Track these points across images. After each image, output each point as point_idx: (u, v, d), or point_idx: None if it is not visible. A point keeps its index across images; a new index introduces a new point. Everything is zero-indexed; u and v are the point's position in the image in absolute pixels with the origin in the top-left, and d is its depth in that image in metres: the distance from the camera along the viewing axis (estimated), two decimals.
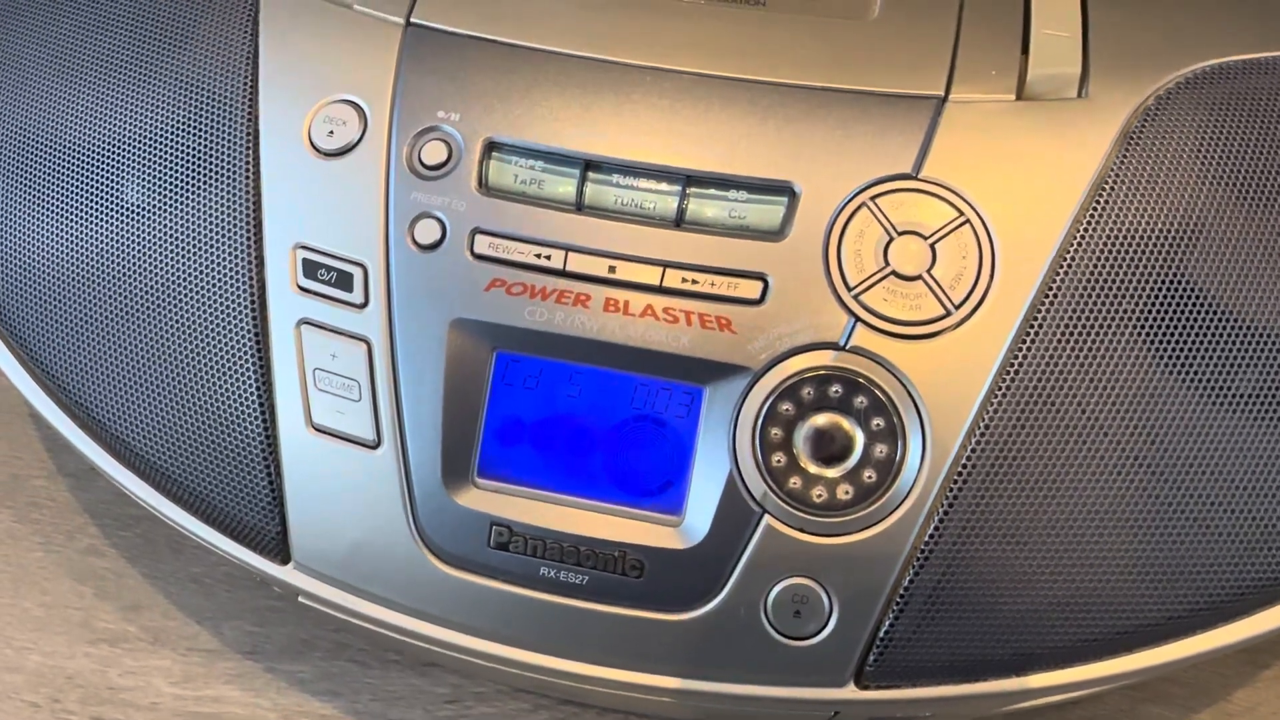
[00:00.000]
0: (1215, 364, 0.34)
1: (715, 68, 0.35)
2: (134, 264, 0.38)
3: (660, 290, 0.33)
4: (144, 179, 0.38)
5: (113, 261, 0.38)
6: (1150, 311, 0.34)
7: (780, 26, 0.36)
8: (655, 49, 0.36)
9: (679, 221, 0.34)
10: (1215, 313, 0.34)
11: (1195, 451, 0.34)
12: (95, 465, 0.38)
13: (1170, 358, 0.34)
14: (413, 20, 0.37)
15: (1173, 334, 0.34)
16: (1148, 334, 0.34)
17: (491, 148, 0.35)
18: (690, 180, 0.34)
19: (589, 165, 0.34)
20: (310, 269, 0.35)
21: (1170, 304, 0.34)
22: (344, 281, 0.35)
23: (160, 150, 0.38)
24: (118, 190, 0.38)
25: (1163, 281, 0.34)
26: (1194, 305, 0.34)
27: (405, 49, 0.36)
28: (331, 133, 0.36)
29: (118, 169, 0.38)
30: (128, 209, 0.38)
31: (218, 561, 0.46)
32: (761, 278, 0.33)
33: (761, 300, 0.33)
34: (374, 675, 0.43)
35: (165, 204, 0.37)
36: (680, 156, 0.34)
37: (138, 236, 0.38)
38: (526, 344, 0.34)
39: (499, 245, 0.34)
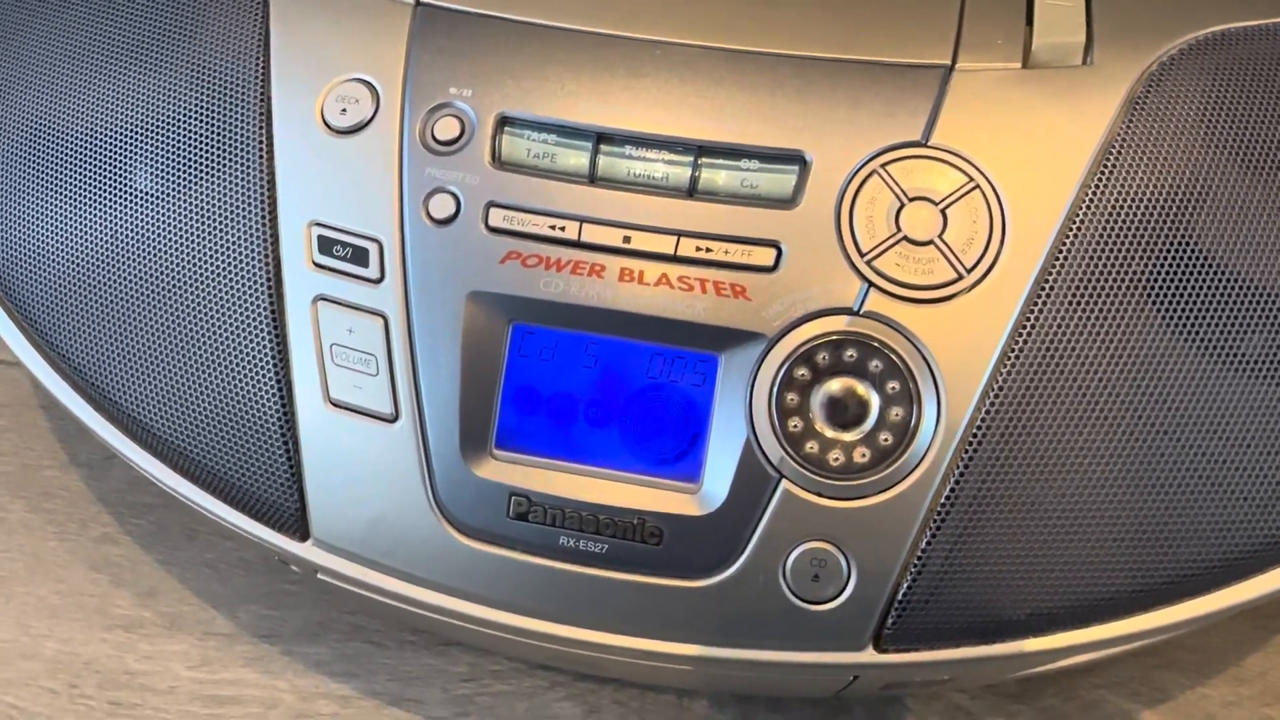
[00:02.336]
0: (1223, 326, 0.34)
1: (725, 40, 0.36)
2: (148, 248, 0.38)
3: (675, 259, 0.34)
4: (155, 165, 0.38)
5: (127, 246, 0.38)
6: (1158, 274, 0.34)
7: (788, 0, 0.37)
8: (665, 23, 0.36)
9: (692, 191, 0.34)
10: (1222, 275, 0.34)
11: (1204, 412, 0.34)
12: (113, 448, 0.39)
13: (1178, 320, 0.34)
14: (423, 0, 0.37)
15: (1180, 296, 0.34)
16: (1156, 296, 0.34)
17: (504, 122, 0.35)
18: (702, 150, 0.34)
19: (601, 137, 0.35)
20: (326, 245, 0.35)
21: (1178, 267, 0.34)
22: (359, 257, 0.35)
23: (172, 136, 0.38)
24: (129, 176, 0.39)
25: (1170, 245, 0.34)
26: (1201, 268, 0.34)
27: (416, 28, 0.37)
28: (344, 111, 0.36)
29: (130, 155, 0.39)
30: (140, 194, 0.38)
31: (232, 547, 0.46)
32: (775, 245, 0.33)
33: (775, 267, 0.33)
34: (390, 655, 0.43)
35: (177, 188, 0.38)
36: (692, 127, 0.34)
37: (150, 221, 0.38)
38: (542, 315, 0.34)
39: (513, 218, 0.34)
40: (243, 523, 0.37)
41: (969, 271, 0.33)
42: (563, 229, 0.34)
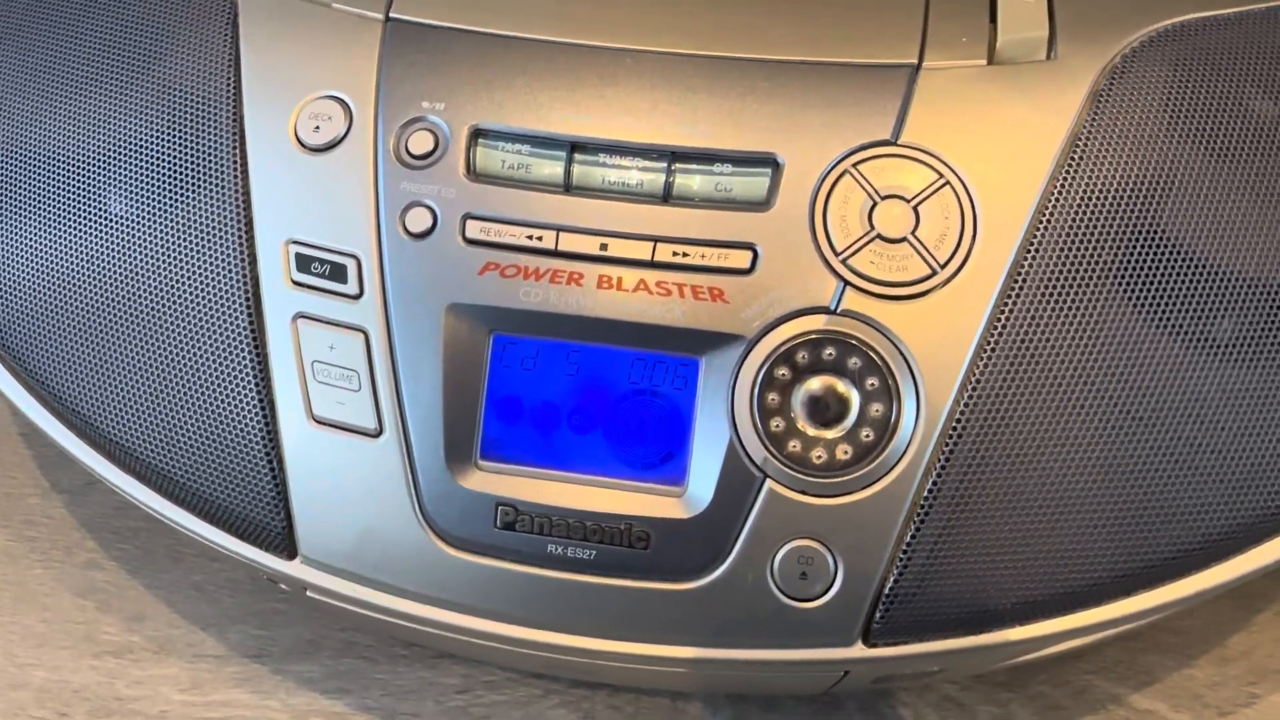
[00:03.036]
0: (1193, 311, 0.35)
1: (693, 47, 0.36)
2: (123, 271, 0.38)
3: (652, 265, 0.34)
4: (128, 188, 0.38)
5: (101, 270, 0.38)
6: (1128, 263, 0.35)
7: (754, 4, 0.37)
8: (633, 31, 0.36)
9: (666, 197, 0.34)
10: (1191, 262, 0.35)
11: (1178, 397, 0.35)
12: (96, 474, 0.38)
13: (1149, 307, 0.35)
14: (392, 15, 0.37)
15: (1150, 284, 0.35)
16: (1126, 285, 0.35)
17: (477, 134, 0.35)
18: (675, 156, 0.35)
19: (575, 146, 0.35)
20: (303, 263, 0.35)
21: (1147, 255, 0.35)
22: (338, 273, 0.35)
23: (143, 159, 0.38)
24: (102, 200, 0.39)
25: (1138, 233, 0.35)
26: (1169, 255, 0.35)
27: (386, 43, 0.37)
28: (318, 128, 0.36)
29: (102, 179, 0.39)
30: (112, 218, 0.38)
31: (219, 568, 0.46)
32: (750, 247, 0.34)
33: (751, 269, 0.34)
34: (383, 670, 0.43)
35: (151, 211, 0.38)
36: (664, 134, 0.35)
37: (125, 244, 0.38)
38: (522, 325, 0.34)
39: (490, 229, 0.34)
40: (229, 543, 0.37)
41: (943, 267, 0.34)
42: (540, 239, 0.34)
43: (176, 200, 0.37)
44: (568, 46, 0.36)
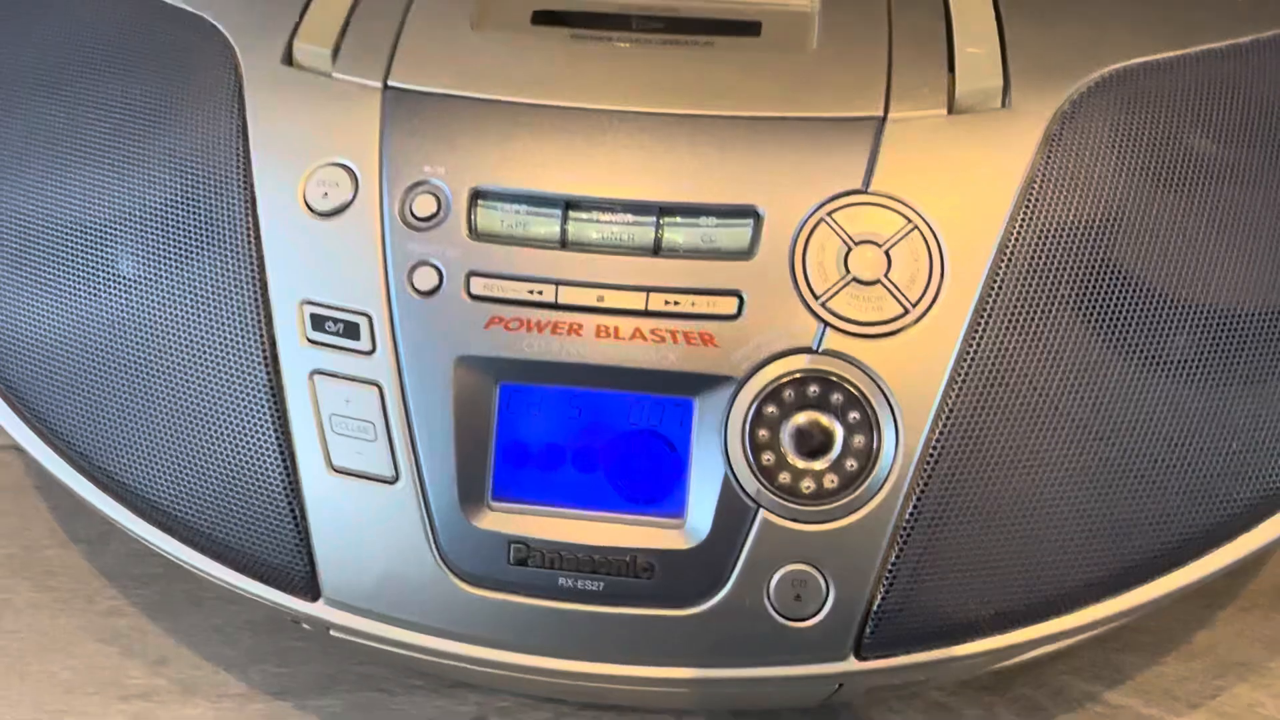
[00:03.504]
0: (1147, 336, 0.37)
1: (676, 106, 0.38)
2: (139, 330, 0.40)
3: (645, 314, 0.36)
4: (140, 252, 0.40)
5: (117, 329, 0.40)
6: (1085, 293, 0.37)
7: (730, 63, 0.40)
8: (619, 92, 0.39)
9: (656, 249, 0.37)
10: (1142, 290, 0.38)
11: (1136, 415, 0.37)
12: (123, 526, 0.40)
13: (1107, 333, 0.37)
14: (390, 84, 0.40)
15: (1107, 312, 0.37)
16: (1085, 314, 0.37)
17: (477, 196, 0.38)
18: (663, 211, 0.37)
19: (569, 204, 0.37)
20: (318, 322, 0.37)
21: (1102, 285, 0.37)
22: (351, 331, 0.37)
23: (153, 224, 0.40)
24: (114, 264, 0.41)
25: (1093, 266, 0.38)
26: (1123, 285, 0.38)
27: (386, 111, 0.39)
28: (326, 194, 0.38)
29: (111, 243, 0.41)
30: (123, 280, 0.40)
31: (238, 610, 0.48)
32: (736, 294, 0.36)
33: (738, 315, 0.36)
34: (400, 701, 0.45)
35: (161, 273, 0.40)
36: (652, 190, 0.37)
37: (136, 304, 0.40)
38: (527, 374, 0.37)
39: (493, 285, 0.37)
40: (255, 588, 0.39)
41: (914, 306, 0.36)
42: (540, 293, 0.37)
43: (188, 263, 0.40)
44: (557, 109, 0.39)
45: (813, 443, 0.36)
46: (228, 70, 0.42)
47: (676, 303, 0.36)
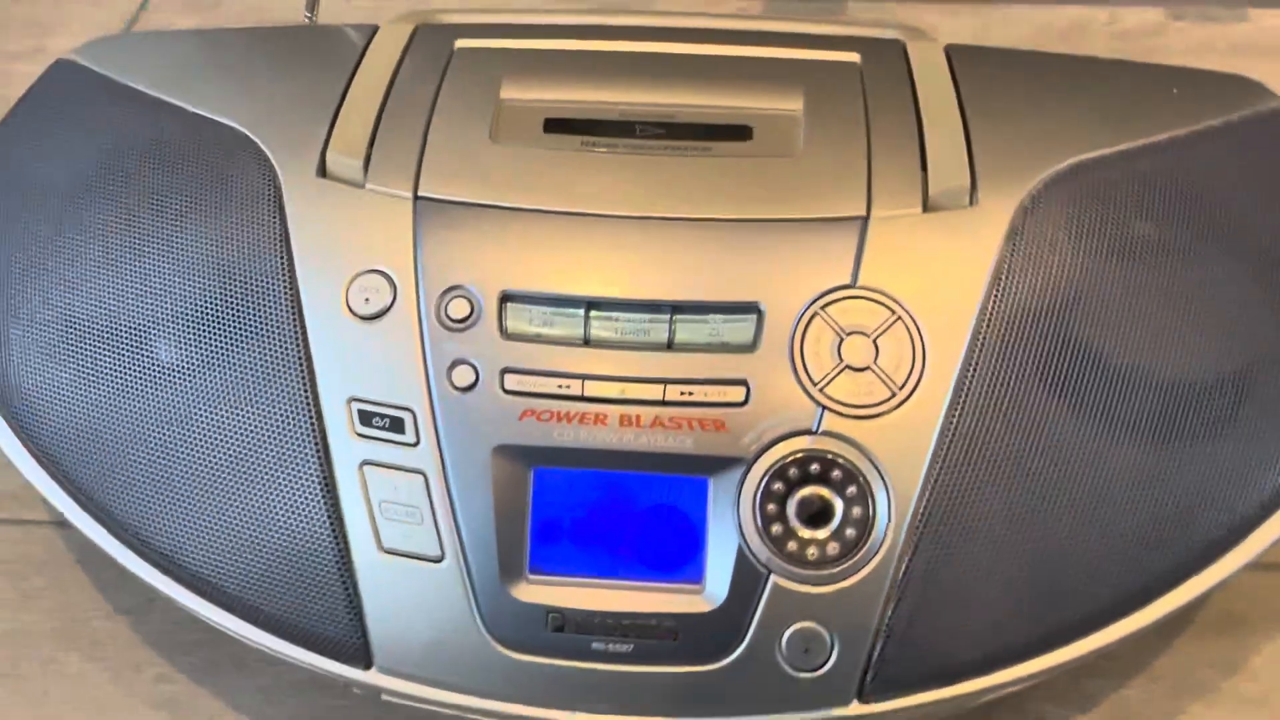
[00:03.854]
0: (1105, 403, 0.42)
1: (680, 211, 0.43)
2: (190, 420, 0.43)
3: (663, 403, 0.41)
4: (183, 345, 0.44)
5: (168, 419, 0.43)
6: (1050, 368, 0.42)
7: (726, 169, 0.44)
8: (628, 199, 0.43)
9: (670, 344, 0.41)
10: (1099, 362, 0.42)
11: (1099, 475, 0.42)
12: (183, 605, 0.44)
13: (1070, 403, 0.42)
14: (420, 194, 0.44)
15: (1069, 384, 0.42)
16: (1050, 386, 0.42)
17: (506, 299, 0.42)
18: (675, 309, 0.41)
19: (590, 305, 0.42)
20: (365, 418, 0.41)
21: (1064, 360, 0.42)
22: (397, 425, 0.41)
23: (198, 321, 0.44)
24: (157, 355, 0.44)
25: (1056, 343, 0.42)
26: (1082, 359, 0.42)
27: (418, 220, 0.43)
28: (367, 299, 0.42)
29: (157, 338, 0.44)
30: (170, 370, 0.44)
31: (281, 672, 0.51)
32: (744, 383, 0.41)
33: (745, 402, 0.41)
34: None
35: (210, 366, 0.43)
36: (664, 290, 0.41)
37: (186, 396, 0.43)
38: (558, 459, 0.41)
39: (526, 381, 0.41)
40: (311, 659, 0.43)
41: (900, 389, 0.41)
42: (568, 387, 0.41)
43: (232, 357, 0.43)
44: (574, 216, 0.43)
45: (816, 514, 0.40)
46: (265, 180, 0.45)
47: (690, 393, 0.41)
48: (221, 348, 0.43)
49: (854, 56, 0.49)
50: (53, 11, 0.84)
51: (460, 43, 0.50)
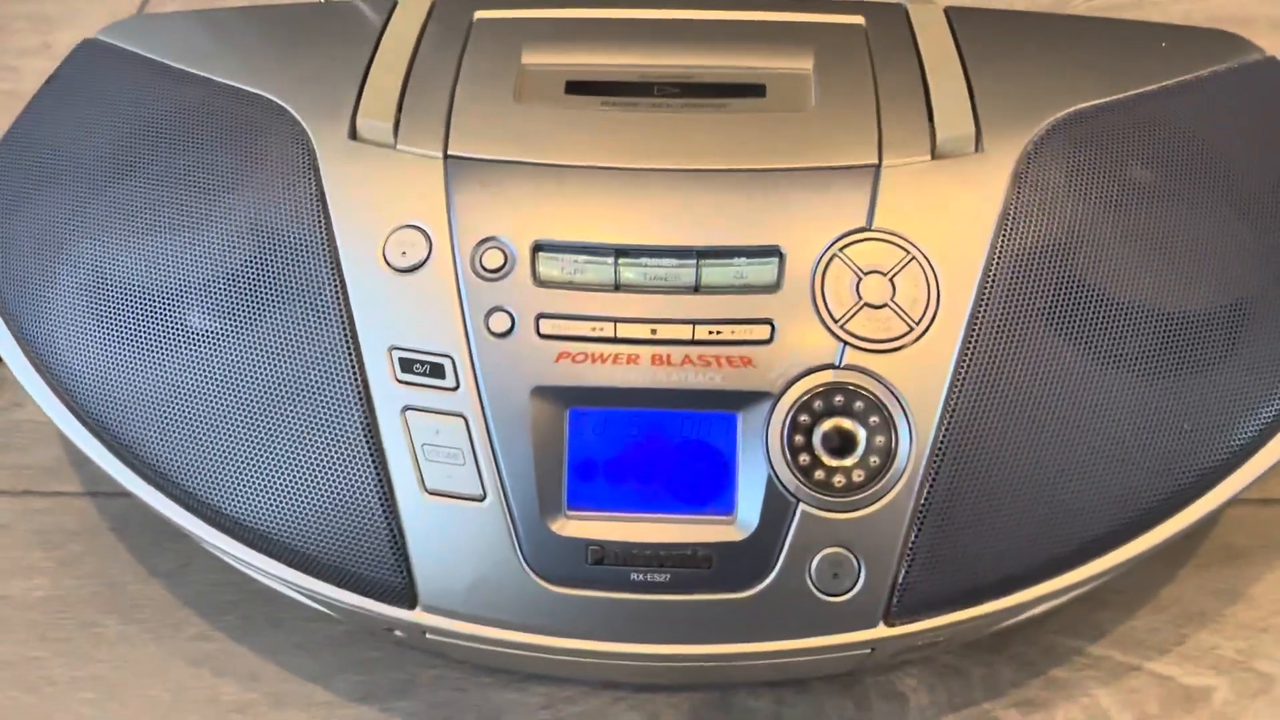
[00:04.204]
0: (1107, 338, 0.44)
1: (702, 162, 0.45)
2: (234, 377, 0.44)
3: (692, 342, 0.42)
4: (221, 307, 0.45)
5: (212, 377, 0.44)
6: (1055, 304, 0.44)
7: (744, 123, 0.46)
8: (651, 153, 0.45)
9: (697, 288, 0.43)
10: (1100, 299, 0.45)
11: (1103, 406, 0.44)
12: (233, 556, 0.45)
13: (1074, 338, 0.44)
14: (450, 154, 0.46)
15: (1073, 320, 0.44)
16: (1055, 321, 0.44)
17: (538, 249, 0.44)
18: (701, 255, 0.43)
19: (619, 252, 0.43)
20: (406, 365, 0.43)
21: (1067, 297, 0.44)
22: (437, 371, 0.43)
23: (235, 282, 0.45)
24: (193, 320, 0.46)
25: (1060, 281, 0.44)
26: (1084, 295, 0.44)
27: (449, 177, 0.45)
28: (404, 253, 0.44)
29: (194, 302, 0.46)
30: (208, 334, 0.45)
31: (317, 628, 0.52)
32: (768, 322, 0.43)
33: (771, 339, 0.43)
34: (475, 698, 0.50)
35: (249, 325, 0.45)
36: (690, 237, 0.43)
37: (227, 355, 0.44)
38: (593, 399, 0.43)
39: (560, 325, 0.43)
40: (357, 601, 0.44)
41: (917, 324, 0.43)
42: (601, 329, 0.43)
43: (271, 315, 0.45)
44: (600, 170, 0.45)
45: (841, 444, 0.42)
46: (299, 145, 0.47)
47: (719, 332, 0.42)
48: (264, 305, 0.45)
49: (858, 19, 0.51)
50: (57, 7, 0.85)
51: (479, 13, 0.52)
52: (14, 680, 0.51)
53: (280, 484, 0.44)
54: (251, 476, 0.44)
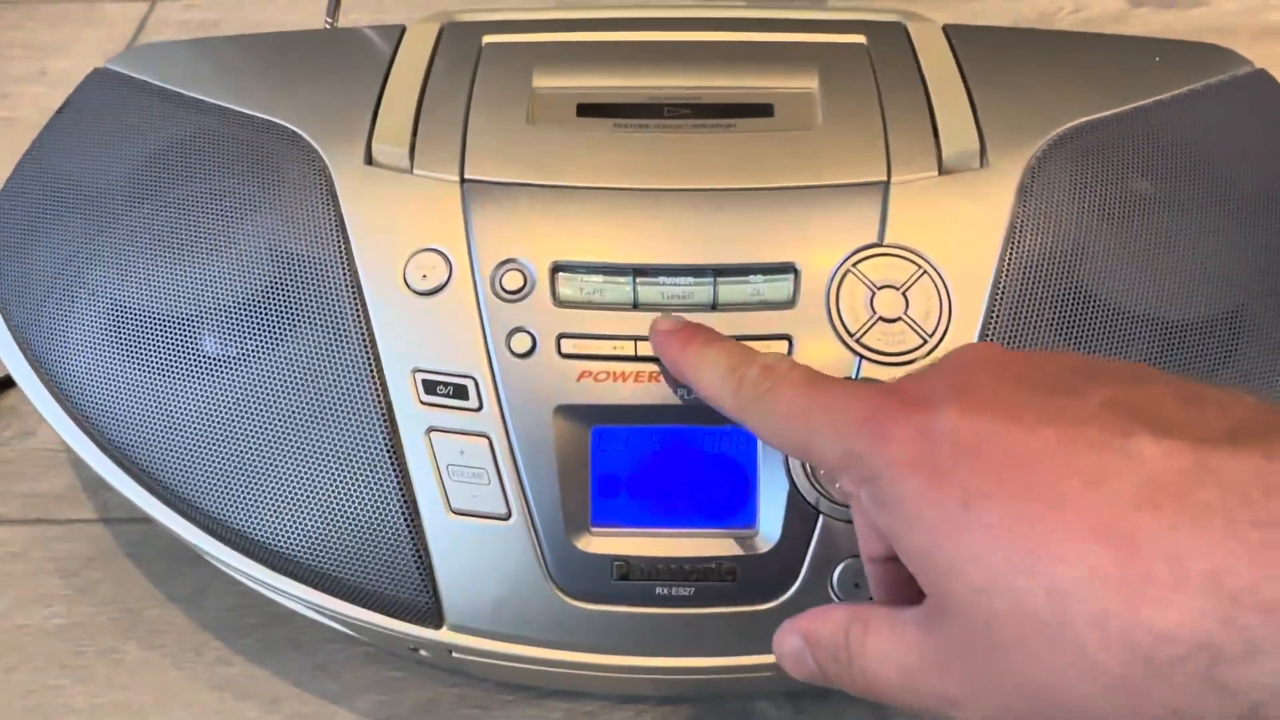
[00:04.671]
0: (1110, 346, 0.45)
1: (714, 182, 0.46)
2: (253, 401, 0.45)
3: None
4: (239, 333, 0.46)
5: (231, 402, 0.45)
6: (1061, 314, 0.45)
7: (753, 143, 0.47)
8: (664, 173, 0.46)
9: (714, 305, 0.44)
10: (1105, 308, 0.46)
11: None
12: (258, 580, 0.46)
13: (1078, 346, 0.45)
14: (466, 177, 0.46)
15: (1078, 328, 0.45)
16: (1061, 331, 0.45)
17: (557, 269, 0.44)
18: (718, 273, 0.44)
19: (637, 272, 0.44)
20: (429, 387, 0.44)
21: (1073, 307, 0.46)
22: (460, 392, 0.43)
23: (254, 307, 0.46)
24: (200, 343, 0.46)
25: (1066, 291, 0.46)
26: (1089, 305, 0.46)
27: (467, 201, 0.46)
28: (425, 276, 0.45)
29: (211, 327, 0.46)
30: (227, 359, 0.46)
31: (336, 649, 0.53)
32: (786, 338, 0.43)
33: (789, 354, 0.43)
34: (496, 715, 0.51)
35: (269, 350, 0.45)
36: (706, 255, 0.44)
37: (246, 380, 0.45)
38: (616, 417, 0.43)
39: (581, 345, 0.43)
40: (383, 622, 0.44)
41: (930, 337, 0.44)
42: (621, 348, 0.43)
43: (291, 339, 0.45)
44: (615, 191, 0.46)
45: None
46: (315, 171, 0.48)
47: None
48: (286, 330, 0.45)
49: (860, 38, 0.52)
50: (52, 34, 0.85)
51: (488, 38, 0.53)
52: (35, 709, 0.51)
53: (305, 507, 0.44)
54: (276, 500, 0.44)
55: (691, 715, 0.50)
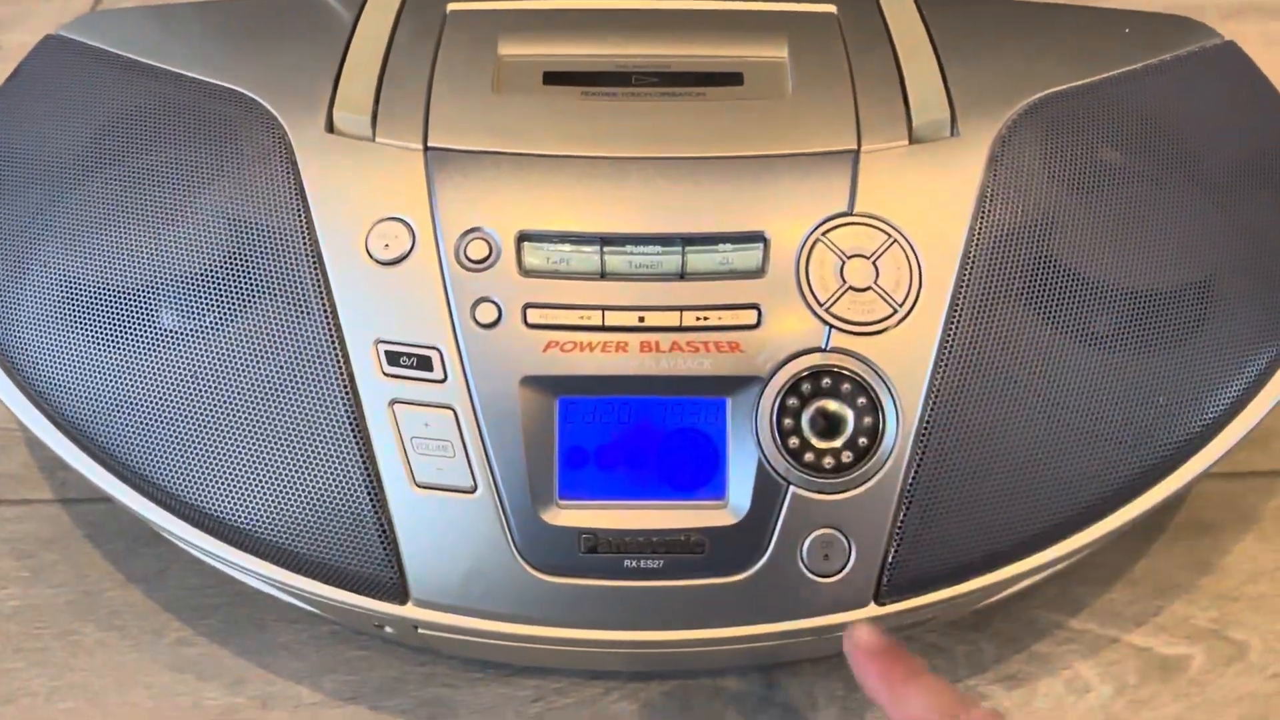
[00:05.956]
0: (1079, 315, 0.45)
1: (684, 150, 0.45)
2: (212, 374, 0.44)
3: (680, 329, 0.43)
4: (195, 305, 0.45)
5: (189, 376, 0.44)
6: (1031, 284, 0.45)
7: (723, 111, 0.47)
8: (632, 141, 0.45)
9: (682, 274, 0.43)
10: (1074, 278, 0.46)
11: (1079, 383, 0.45)
12: (220, 558, 0.44)
13: (1048, 316, 0.45)
14: (430, 145, 0.45)
15: (1048, 299, 0.45)
16: (1031, 300, 0.45)
17: (523, 238, 0.44)
18: (686, 241, 0.44)
19: (604, 241, 0.43)
20: (393, 358, 0.43)
21: (1043, 277, 0.45)
22: (424, 363, 0.43)
23: (211, 278, 0.45)
24: (164, 317, 0.45)
25: (1035, 261, 0.45)
26: (1059, 275, 0.45)
27: (430, 169, 0.45)
28: (387, 245, 0.44)
29: (168, 299, 0.45)
30: (183, 332, 0.44)
31: (301, 629, 0.52)
32: (755, 307, 0.43)
33: (758, 324, 0.43)
34: (464, 693, 0.50)
35: (227, 322, 0.44)
36: (674, 224, 0.44)
37: (205, 352, 0.44)
38: (582, 388, 0.43)
39: (547, 314, 0.43)
40: (347, 598, 0.44)
41: (900, 306, 0.44)
42: (588, 318, 0.43)
43: (250, 311, 0.44)
44: (582, 159, 0.45)
45: (829, 426, 0.43)
46: (274, 139, 0.47)
47: (706, 318, 0.43)
48: (244, 301, 0.44)
49: (830, 7, 0.52)
50: (8, 8, 0.83)
51: (453, 5, 0.51)
52: None
53: (266, 482, 0.43)
54: (236, 476, 0.43)
55: (662, 691, 0.50)
